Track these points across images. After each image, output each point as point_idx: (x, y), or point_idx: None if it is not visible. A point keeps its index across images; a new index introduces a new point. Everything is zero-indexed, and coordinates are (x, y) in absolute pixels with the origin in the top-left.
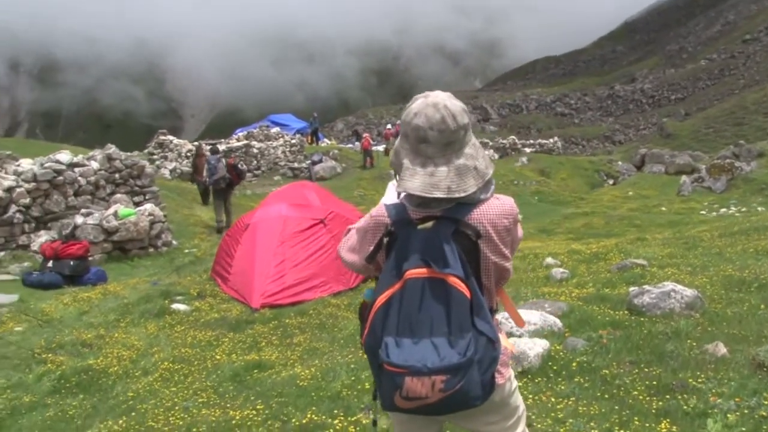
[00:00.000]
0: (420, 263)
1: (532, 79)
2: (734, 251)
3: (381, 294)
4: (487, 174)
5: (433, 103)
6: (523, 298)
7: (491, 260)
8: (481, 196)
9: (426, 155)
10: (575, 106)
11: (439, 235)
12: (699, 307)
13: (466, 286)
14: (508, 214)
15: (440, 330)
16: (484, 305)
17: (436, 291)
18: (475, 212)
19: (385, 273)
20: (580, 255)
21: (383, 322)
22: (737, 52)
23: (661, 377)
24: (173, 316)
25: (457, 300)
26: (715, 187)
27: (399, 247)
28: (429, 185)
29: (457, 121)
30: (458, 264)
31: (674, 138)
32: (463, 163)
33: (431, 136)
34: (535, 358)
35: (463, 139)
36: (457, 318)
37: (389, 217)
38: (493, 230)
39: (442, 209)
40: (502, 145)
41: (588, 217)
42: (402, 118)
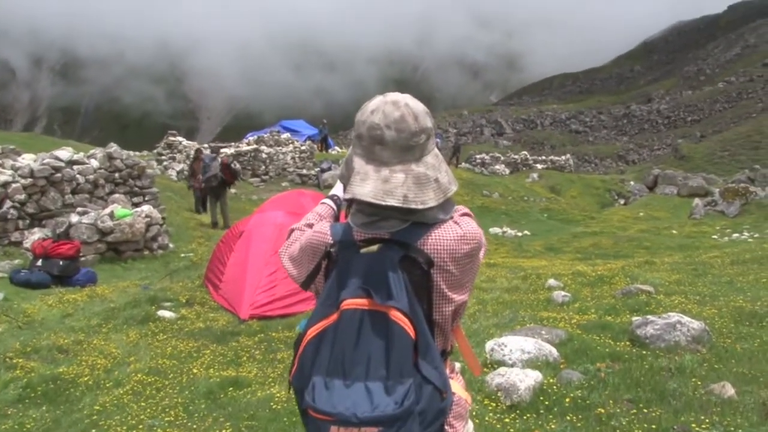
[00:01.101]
0: (360, 293)
1: (548, 95)
2: (746, 281)
3: (313, 326)
4: (450, 190)
5: (392, 101)
6: (521, 323)
7: (446, 294)
8: (439, 216)
9: (381, 160)
10: (590, 124)
11: (384, 261)
12: (706, 341)
13: (410, 323)
14: (470, 239)
15: (377, 373)
16: (432, 347)
17: (376, 326)
18: (429, 236)
19: (320, 301)
20: (584, 277)
21: (313, 359)
22: (756, 76)
23: (661, 420)
24: (158, 323)
25: (398, 338)
26: (728, 211)
27: (338, 273)
28: (382, 192)
29: (419, 122)
30: (404, 296)
31: (688, 160)
32: (423, 172)
33: (388, 136)
34: (526, 391)
35: (424, 145)
36: (397, 360)
37: (331, 237)
38: (450, 258)
39: (392, 231)
40: (514, 160)
41: (597, 236)
42: (356, 117)
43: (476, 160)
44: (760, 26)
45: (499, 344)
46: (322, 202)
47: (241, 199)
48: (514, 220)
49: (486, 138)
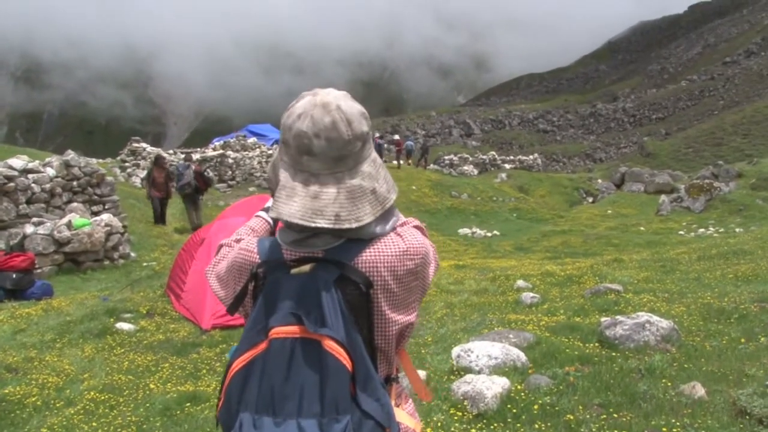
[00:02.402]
0: (290, 319)
1: (515, 95)
2: (713, 276)
3: (240, 356)
4: (389, 200)
5: (322, 103)
6: (488, 327)
7: (388, 315)
8: (377, 230)
9: (310, 171)
10: (557, 124)
11: (317, 282)
12: (675, 340)
13: (346, 353)
14: (414, 253)
15: (311, 409)
16: (373, 377)
17: (308, 357)
18: (367, 253)
19: (247, 328)
20: (553, 277)
21: (240, 393)
22: (717, 74)
23: (632, 424)
24: (116, 336)
25: (333, 371)
26: (693, 207)
27: (266, 296)
28: (310, 211)
29: (353, 128)
30: (339, 322)
31: (654, 157)
32: (357, 184)
33: (317, 146)
34: (493, 399)
35: (359, 152)
36: (332, 394)
37: (259, 256)
38: (392, 276)
39: (325, 249)
40: (482, 160)
41: (566, 235)
42: (282, 120)
43: (444, 161)
44: (718, 26)
45: (465, 350)
46: (256, 215)
47: (207, 205)
48: (484, 221)
49: (455, 139)
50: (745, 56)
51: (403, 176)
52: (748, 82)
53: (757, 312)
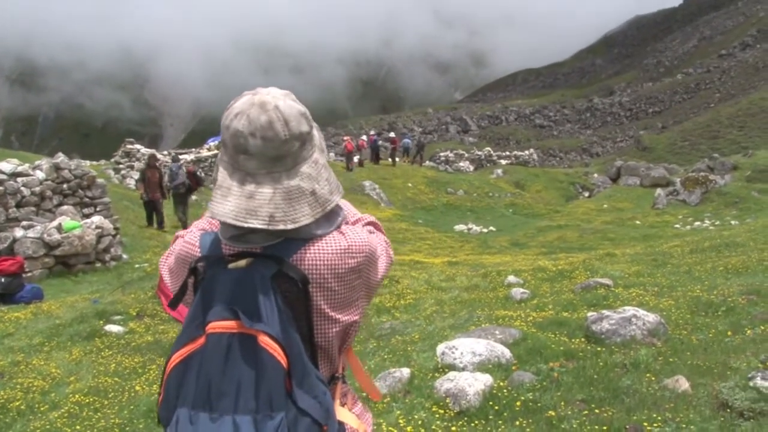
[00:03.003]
0: (226, 314)
1: (512, 90)
2: (704, 269)
3: (178, 350)
4: (330, 202)
5: (260, 102)
6: (476, 323)
7: (328, 314)
8: (317, 231)
9: (246, 171)
10: (554, 119)
11: (253, 278)
12: (662, 333)
13: (281, 349)
14: (356, 251)
15: (247, 405)
16: (310, 374)
17: (245, 352)
18: (307, 250)
19: (186, 323)
20: (545, 273)
21: (178, 389)
22: (713, 67)
23: (613, 420)
24: (104, 338)
25: (268, 366)
26: (689, 200)
27: (204, 291)
28: (244, 211)
29: (290, 128)
30: (275, 318)
31: (651, 151)
32: (296, 185)
33: (253, 145)
34: (475, 396)
35: (297, 153)
36: (266, 390)
37: (200, 250)
38: (332, 274)
39: (263, 245)
40: (478, 156)
41: (562, 230)
42: (221, 120)
43: (440, 158)
44: (713, 19)
45: (450, 347)
46: None
47: (201, 206)
48: (480, 217)
49: (452, 135)
50: (740, 48)
51: (399, 173)
52: (744, 74)
53: (744, 304)
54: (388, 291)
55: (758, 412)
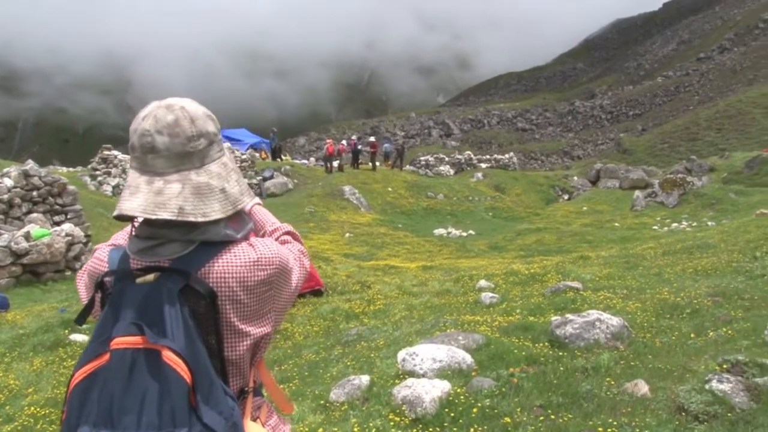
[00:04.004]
0: (132, 329)
1: (494, 94)
2: (674, 271)
3: (81, 367)
4: (241, 202)
5: (166, 104)
6: (441, 329)
7: (238, 327)
8: (228, 231)
9: (155, 171)
10: (536, 122)
11: (160, 293)
12: (626, 337)
13: (185, 365)
14: (266, 264)
15: (150, 422)
16: (217, 388)
17: (150, 368)
18: (215, 263)
19: (92, 339)
20: (517, 277)
21: (80, 407)
22: (692, 70)
23: (569, 426)
24: (68, 348)
25: (172, 382)
26: (667, 201)
27: (110, 306)
28: (153, 204)
29: (197, 125)
30: (181, 332)
31: (631, 153)
32: (205, 182)
33: (161, 142)
34: (431, 403)
35: (205, 151)
36: (169, 406)
37: (108, 265)
38: (241, 287)
39: (171, 258)
40: (458, 160)
41: (541, 233)
42: (130, 126)
43: (420, 162)
44: (692, 23)
45: (410, 354)
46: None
47: None
48: (459, 221)
49: (434, 139)
50: (718, 52)
51: (379, 178)
52: (722, 77)
53: (709, 306)
54: (359, 297)
55: (712, 415)
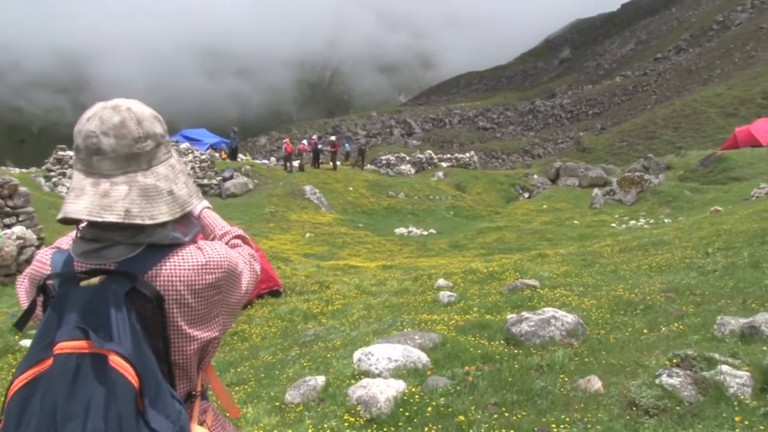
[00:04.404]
0: (76, 333)
1: (456, 93)
2: (629, 268)
3: (21, 374)
4: (189, 204)
5: (112, 105)
6: (398, 328)
7: (185, 331)
8: (176, 234)
9: (101, 173)
10: (497, 121)
11: (106, 296)
12: (580, 334)
13: (132, 369)
14: (214, 267)
15: (95, 427)
16: (164, 393)
17: (95, 373)
18: (162, 266)
19: (33, 344)
20: (475, 275)
21: (20, 415)
22: (649, 70)
23: (522, 423)
24: (18, 354)
25: (118, 387)
26: (625, 199)
27: (53, 310)
28: (99, 206)
29: (143, 127)
30: (127, 336)
31: (590, 151)
32: (152, 184)
33: (106, 144)
34: (386, 403)
35: (152, 153)
36: (116, 411)
37: (50, 268)
38: (189, 291)
39: (117, 260)
40: (419, 159)
41: (501, 231)
42: (75, 127)
43: (381, 161)
44: (650, 23)
45: (366, 354)
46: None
47: None
48: (420, 220)
49: (396, 138)
50: (675, 52)
51: (340, 177)
52: (678, 77)
53: (662, 302)
54: (318, 297)
55: (662, 409)
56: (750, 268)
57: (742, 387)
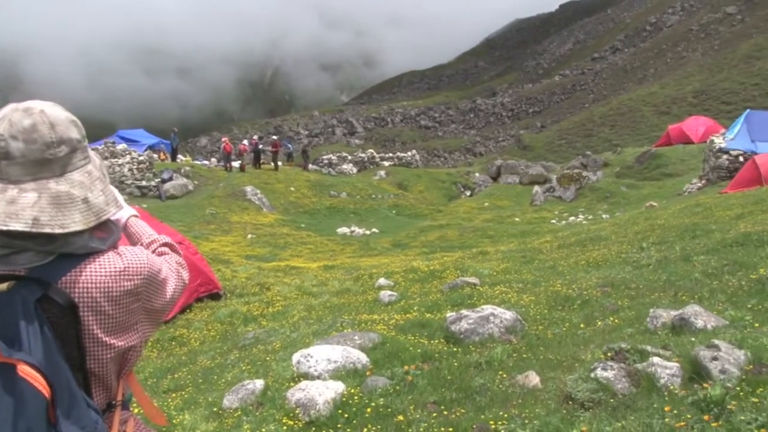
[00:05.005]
0: None
1: (397, 92)
2: (567, 264)
3: None
4: (106, 212)
5: (24, 107)
6: (338, 329)
7: (101, 339)
8: (91, 243)
9: (8, 178)
10: (439, 119)
11: (14, 303)
12: (519, 330)
13: (43, 378)
14: (133, 273)
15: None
16: (79, 403)
17: (4, 383)
18: (77, 272)
19: None
20: (416, 274)
21: None
22: (587, 69)
23: (461, 421)
24: None
25: (29, 398)
26: (565, 196)
27: None
28: (4, 214)
29: (57, 131)
30: (38, 345)
31: (531, 149)
32: (65, 191)
33: (15, 148)
34: (325, 405)
35: (66, 159)
36: (25, 423)
37: None
38: (105, 298)
39: (28, 267)
40: (361, 158)
41: (443, 229)
42: None
43: (323, 161)
44: (587, 24)
45: (305, 356)
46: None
47: None
48: (363, 219)
49: (338, 138)
50: (611, 52)
51: (282, 178)
52: (615, 76)
53: (598, 297)
54: (258, 299)
55: (597, 402)
56: (681, 261)
57: (672, 377)
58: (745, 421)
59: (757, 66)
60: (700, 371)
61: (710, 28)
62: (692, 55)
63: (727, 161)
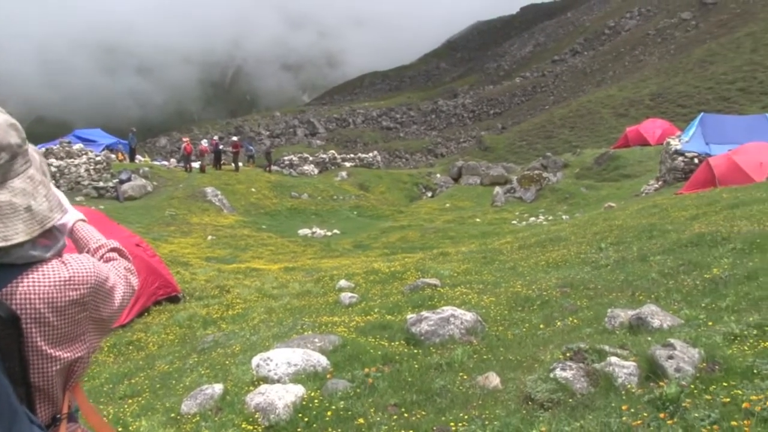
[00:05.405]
0: None
1: (359, 93)
2: (527, 265)
3: None
4: (50, 219)
5: None
6: (298, 332)
7: (45, 351)
8: (34, 252)
9: None
10: (400, 120)
11: None
12: (480, 331)
13: None
14: (79, 283)
15: None
16: (20, 418)
17: None
18: (19, 283)
19: None
20: (377, 275)
21: None
22: (547, 71)
23: (422, 423)
24: None
25: None
26: (525, 197)
27: None
28: None
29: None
30: None
31: (492, 150)
32: (7, 201)
33: None
34: (285, 409)
35: (7, 166)
36: None
37: None
38: (50, 309)
39: None
40: (322, 159)
41: (404, 230)
42: None
43: (284, 162)
44: (547, 27)
45: (264, 359)
46: None
47: None
48: (324, 220)
49: (299, 138)
50: (571, 55)
51: (243, 179)
52: (574, 78)
53: (558, 297)
54: (218, 302)
55: (556, 402)
56: (639, 261)
57: (629, 376)
58: (699, 418)
59: (711, 70)
60: (657, 370)
61: (666, 33)
62: (649, 59)
63: (682, 163)
